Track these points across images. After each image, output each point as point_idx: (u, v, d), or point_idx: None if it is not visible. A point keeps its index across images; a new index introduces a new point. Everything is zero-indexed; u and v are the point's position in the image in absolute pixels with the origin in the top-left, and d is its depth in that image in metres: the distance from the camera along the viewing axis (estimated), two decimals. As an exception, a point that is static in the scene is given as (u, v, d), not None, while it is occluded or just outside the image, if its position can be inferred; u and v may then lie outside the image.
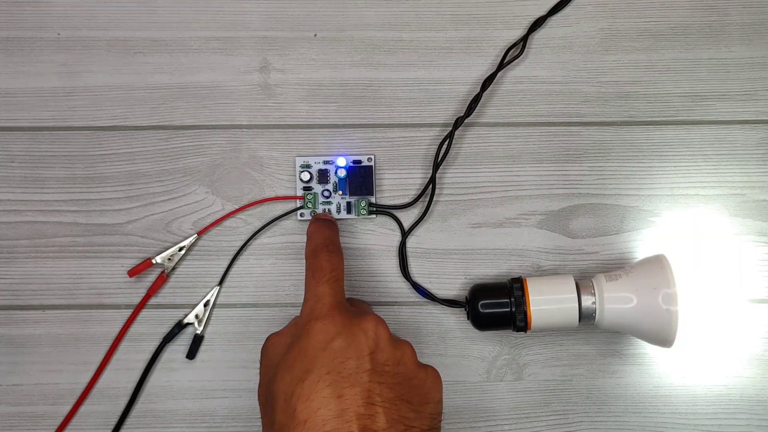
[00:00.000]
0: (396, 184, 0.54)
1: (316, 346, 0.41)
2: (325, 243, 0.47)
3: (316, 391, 0.39)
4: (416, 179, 0.54)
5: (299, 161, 0.54)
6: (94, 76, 0.54)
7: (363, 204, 0.53)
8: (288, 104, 0.54)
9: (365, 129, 0.54)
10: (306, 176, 0.53)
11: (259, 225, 0.54)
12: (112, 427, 0.53)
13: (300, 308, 0.45)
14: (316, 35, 0.55)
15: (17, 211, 0.54)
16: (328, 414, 0.38)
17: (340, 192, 0.53)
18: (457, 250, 0.54)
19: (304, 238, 0.53)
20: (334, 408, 0.39)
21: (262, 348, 0.45)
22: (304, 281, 0.46)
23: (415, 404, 0.41)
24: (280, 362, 0.42)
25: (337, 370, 0.40)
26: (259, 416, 0.53)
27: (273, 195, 0.54)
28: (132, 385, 0.53)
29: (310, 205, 0.53)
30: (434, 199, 0.54)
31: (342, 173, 0.53)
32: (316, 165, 0.54)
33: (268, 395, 0.42)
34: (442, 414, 0.44)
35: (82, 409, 0.53)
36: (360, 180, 0.53)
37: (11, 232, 0.54)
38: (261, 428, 0.44)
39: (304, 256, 0.47)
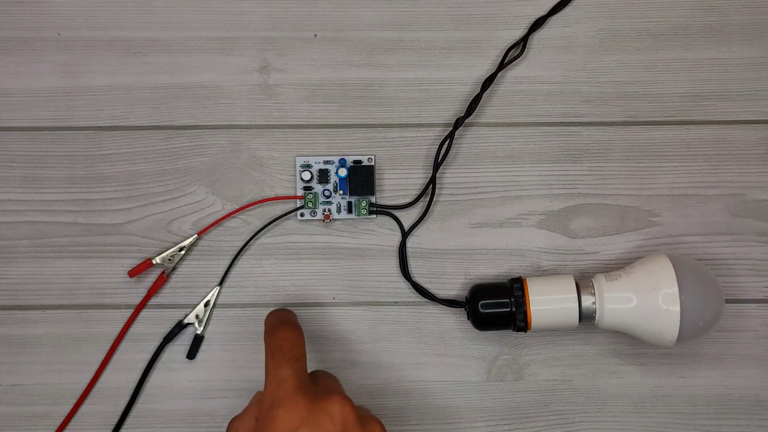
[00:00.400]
0: (396, 184, 0.54)
1: None
2: (282, 320, 0.46)
3: None
4: (416, 179, 0.54)
5: (299, 161, 0.54)
6: (94, 76, 0.54)
7: (363, 204, 0.53)
8: (288, 104, 0.54)
9: (365, 129, 0.54)
10: (307, 176, 0.53)
11: (260, 225, 0.54)
12: (112, 427, 0.53)
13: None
14: (316, 35, 0.55)
15: (17, 211, 0.54)
16: None
17: (341, 192, 0.53)
18: (457, 250, 0.54)
19: (305, 238, 0.54)
20: None
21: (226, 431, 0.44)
22: (265, 361, 0.44)
23: None
24: None
25: None
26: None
27: (273, 195, 0.54)
28: (132, 385, 0.53)
29: (310, 204, 0.53)
30: (434, 199, 0.54)
31: (342, 173, 0.53)
32: (317, 165, 0.54)
33: None
34: None
35: (82, 409, 0.53)
36: (360, 180, 0.53)
37: (11, 232, 0.54)
38: None
39: (263, 337, 0.46)
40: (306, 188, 0.53)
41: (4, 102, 0.54)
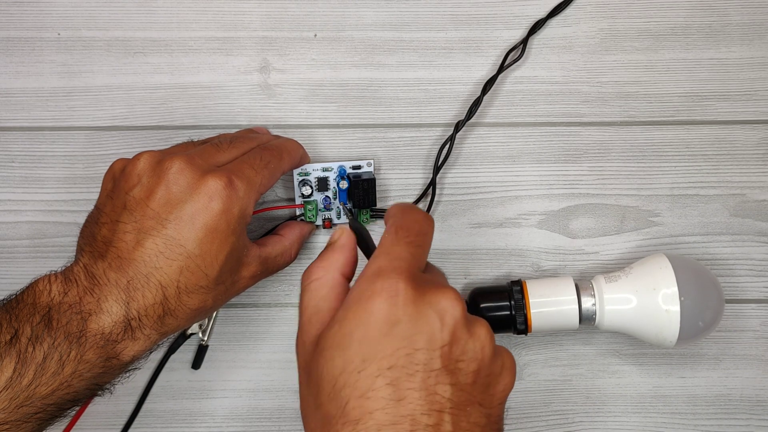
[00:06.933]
0: (396, 184, 0.54)
1: (379, 326, 0.34)
2: (416, 209, 0.40)
3: (373, 388, 0.33)
4: (417, 180, 0.54)
5: (296, 171, 0.52)
6: (94, 76, 0.54)
7: (364, 211, 0.53)
8: (288, 104, 0.54)
9: (365, 129, 0.54)
10: (307, 190, 0.51)
11: (259, 228, 0.54)
12: (114, 429, 0.53)
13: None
14: (316, 35, 0.55)
15: (17, 211, 0.54)
16: (385, 418, 0.33)
17: (342, 203, 0.52)
18: (457, 250, 0.54)
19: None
20: (392, 412, 0.33)
21: (303, 284, 0.38)
22: (380, 240, 0.38)
23: (487, 406, 0.35)
24: (331, 334, 0.35)
25: (401, 365, 0.34)
26: (260, 416, 0.53)
27: (273, 198, 0.54)
28: (132, 385, 0.53)
29: (311, 216, 0.52)
30: (434, 200, 0.54)
31: (344, 185, 0.52)
32: (315, 173, 0.52)
33: (311, 365, 0.36)
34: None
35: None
36: (362, 193, 0.51)
37: (11, 232, 0.54)
38: (299, 391, 0.38)
39: (384, 218, 0.40)
40: (305, 200, 0.52)
41: (4, 102, 0.54)
